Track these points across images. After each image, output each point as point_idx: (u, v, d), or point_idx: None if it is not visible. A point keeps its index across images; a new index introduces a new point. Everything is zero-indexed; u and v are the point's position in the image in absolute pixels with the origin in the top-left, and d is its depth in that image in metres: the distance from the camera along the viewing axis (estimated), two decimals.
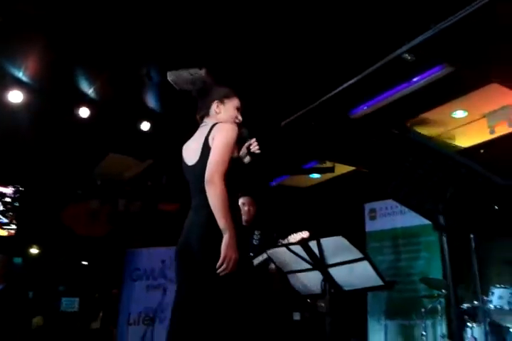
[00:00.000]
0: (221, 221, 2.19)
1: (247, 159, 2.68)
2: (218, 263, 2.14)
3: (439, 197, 1.72)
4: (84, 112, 5.31)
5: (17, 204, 7.46)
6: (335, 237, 2.19)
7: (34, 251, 8.42)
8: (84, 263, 8.64)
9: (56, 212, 7.51)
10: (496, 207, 1.77)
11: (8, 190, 7.49)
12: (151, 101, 5.41)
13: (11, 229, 7.37)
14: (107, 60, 4.64)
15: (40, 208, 7.35)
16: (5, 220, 7.40)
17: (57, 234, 7.57)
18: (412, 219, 5.66)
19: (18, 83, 4.99)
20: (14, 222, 7.42)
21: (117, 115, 5.55)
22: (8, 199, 7.44)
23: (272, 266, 3.71)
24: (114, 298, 7.22)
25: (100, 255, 7.94)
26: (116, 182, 7.46)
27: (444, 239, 1.76)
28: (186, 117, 5.51)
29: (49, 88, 5.14)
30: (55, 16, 4.04)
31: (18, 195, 7.50)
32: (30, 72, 4.90)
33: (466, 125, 5.57)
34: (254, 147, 2.61)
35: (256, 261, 3.90)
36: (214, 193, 2.23)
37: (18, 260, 7.47)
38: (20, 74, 4.92)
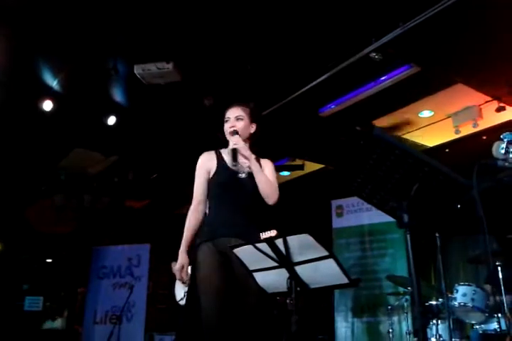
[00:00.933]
0: None
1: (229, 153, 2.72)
2: None
3: (402, 195, 1.72)
4: (47, 105, 5.15)
5: None
6: (301, 235, 2.16)
7: None
8: (48, 260, 8.45)
9: (19, 209, 7.31)
10: (459, 206, 1.78)
11: None
12: (117, 94, 5.30)
13: None
14: (72, 52, 4.52)
15: (3, 204, 7.14)
16: None
17: (20, 231, 7.37)
18: (378, 216, 5.72)
19: None
20: None
21: (83, 109, 5.41)
22: None
23: None
24: (81, 296, 7.09)
25: (65, 252, 7.78)
26: (82, 178, 7.31)
27: (408, 236, 1.75)
28: (153, 112, 5.49)
29: (11, 80, 4.97)
30: (18, 5, 3.90)
31: None
32: None
33: (433, 124, 5.66)
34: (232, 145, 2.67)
35: None
36: None
37: None
38: None
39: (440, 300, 4.29)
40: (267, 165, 2.79)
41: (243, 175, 2.70)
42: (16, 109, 5.33)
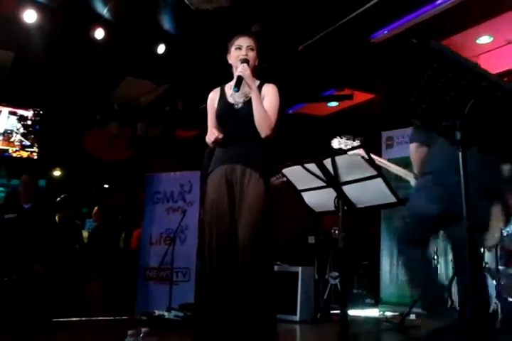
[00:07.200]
0: None
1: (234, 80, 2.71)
2: None
3: (456, 113, 1.69)
4: (99, 33, 5.20)
5: (38, 127, 7.58)
6: (349, 155, 2.21)
7: (57, 173, 8.67)
8: (105, 186, 8.93)
9: (76, 136, 7.62)
10: None
11: (29, 113, 7.58)
12: (166, 22, 5.26)
13: (34, 151, 7.54)
14: None
15: (61, 131, 7.45)
16: (27, 143, 7.56)
17: (78, 158, 7.74)
18: None
19: (32, 2, 4.87)
20: (36, 144, 7.58)
21: (133, 37, 5.43)
22: (29, 122, 7.55)
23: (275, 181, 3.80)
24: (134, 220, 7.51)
25: (121, 178, 8.14)
26: (134, 107, 7.48)
27: (460, 154, 1.73)
28: (201, 40, 5.45)
29: (63, 7, 5.01)
30: None
31: (38, 118, 7.59)
32: None
33: (491, 51, 5.36)
34: (238, 72, 2.65)
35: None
36: None
37: (42, 182, 7.70)
38: None
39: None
40: (270, 90, 2.75)
41: (239, 105, 2.74)
42: (69, 36, 5.39)
